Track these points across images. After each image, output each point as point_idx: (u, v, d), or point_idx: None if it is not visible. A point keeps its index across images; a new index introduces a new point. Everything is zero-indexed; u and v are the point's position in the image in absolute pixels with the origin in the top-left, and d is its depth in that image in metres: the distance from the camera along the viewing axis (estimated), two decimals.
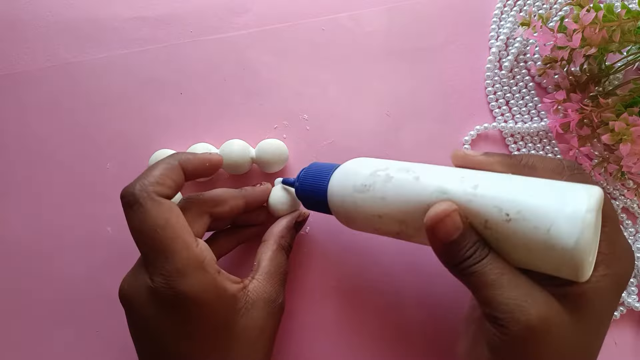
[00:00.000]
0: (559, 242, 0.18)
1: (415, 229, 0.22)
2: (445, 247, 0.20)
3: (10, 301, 0.33)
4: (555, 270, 0.19)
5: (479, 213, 0.20)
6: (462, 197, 0.20)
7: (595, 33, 0.27)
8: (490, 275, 0.19)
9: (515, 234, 0.19)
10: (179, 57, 0.35)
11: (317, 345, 0.31)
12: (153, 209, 0.22)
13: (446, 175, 0.22)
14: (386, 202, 0.22)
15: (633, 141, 0.27)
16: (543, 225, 0.18)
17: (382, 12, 0.34)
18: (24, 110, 0.35)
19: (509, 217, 0.19)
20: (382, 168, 0.23)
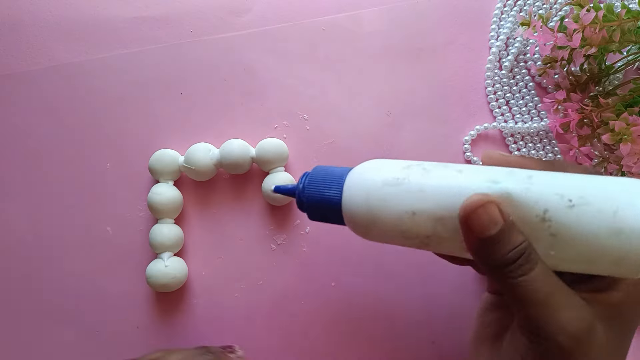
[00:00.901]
0: (627, 225, 0.16)
1: (452, 230, 0.19)
2: (480, 243, 0.18)
3: (11, 301, 0.33)
4: (615, 263, 0.17)
5: (538, 202, 0.18)
6: (517, 186, 0.18)
7: (595, 33, 0.27)
8: (541, 293, 0.18)
9: (578, 222, 0.17)
10: (179, 57, 0.35)
11: (315, 345, 0.31)
12: None
13: (492, 169, 0.20)
14: (424, 195, 0.20)
15: (633, 141, 0.27)
16: (609, 208, 0.17)
17: (382, 12, 0.34)
18: (24, 110, 0.35)
19: (572, 203, 0.17)
20: (415, 163, 0.21)
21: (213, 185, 0.33)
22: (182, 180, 0.33)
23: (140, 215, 0.33)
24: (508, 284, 0.18)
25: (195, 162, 0.31)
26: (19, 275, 0.33)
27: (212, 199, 0.33)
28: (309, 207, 0.23)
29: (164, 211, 0.31)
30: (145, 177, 0.33)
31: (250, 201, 0.32)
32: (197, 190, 0.33)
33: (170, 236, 0.31)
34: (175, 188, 0.32)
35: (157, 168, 0.32)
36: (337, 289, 0.31)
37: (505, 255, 0.18)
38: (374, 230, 0.21)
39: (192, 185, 0.33)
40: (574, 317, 0.18)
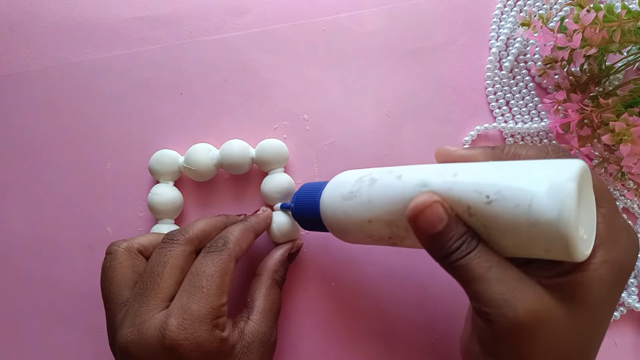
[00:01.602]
0: (541, 216, 0.17)
1: (405, 229, 0.22)
2: (430, 239, 0.20)
3: (10, 301, 0.33)
4: (546, 251, 0.18)
5: (461, 200, 0.19)
6: (442, 186, 0.20)
7: (595, 33, 0.27)
8: (478, 269, 0.19)
9: (498, 216, 0.18)
10: (179, 58, 0.35)
11: (315, 345, 0.31)
12: (226, 264, 0.24)
13: (427, 170, 0.21)
14: (373, 205, 0.22)
15: (633, 141, 0.27)
16: (523, 202, 0.17)
17: (382, 12, 0.34)
18: (24, 110, 0.35)
19: (489, 199, 0.18)
20: (367, 174, 0.24)
21: (213, 186, 0.33)
22: (182, 180, 0.33)
23: (140, 215, 0.33)
24: (452, 268, 0.20)
25: (195, 163, 0.31)
26: (19, 275, 0.33)
27: (212, 200, 0.33)
28: (299, 220, 0.28)
29: (164, 212, 0.31)
30: (145, 177, 0.33)
31: (250, 202, 0.32)
32: (197, 191, 0.33)
33: None
34: (175, 188, 0.32)
35: (157, 168, 0.32)
36: (337, 289, 0.31)
37: (450, 245, 0.19)
38: (347, 236, 0.25)
39: (192, 185, 0.33)
40: (516, 290, 0.18)
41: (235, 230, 0.26)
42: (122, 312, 0.24)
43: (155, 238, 0.28)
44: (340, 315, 0.31)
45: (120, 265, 0.25)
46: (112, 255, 0.26)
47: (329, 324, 0.31)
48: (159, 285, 0.24)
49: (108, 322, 0.25)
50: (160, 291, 0.24)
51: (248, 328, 0.25)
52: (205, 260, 0.24)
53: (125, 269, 0.25)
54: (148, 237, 0.28)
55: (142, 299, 0.24)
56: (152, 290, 0.24)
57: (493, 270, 0.19)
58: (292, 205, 0.28)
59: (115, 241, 0.27)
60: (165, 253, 0.25)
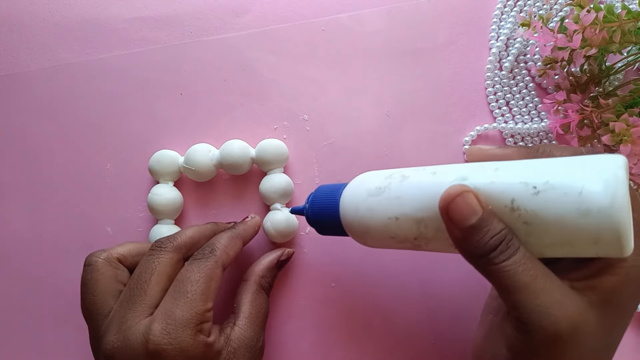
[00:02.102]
0: (593, 203, 0.16)
1: (434, 229, 0.20)
2: (463, 233, 0.19)
3: (11, 301, 0.33)
4: (594, 243, 0.17)
5: (504, 193, 0.18)
6: (483, 180, 0.19)
7: (595, 34, 0.27)
8: (523, 278, 0.18)
9: (545, 208, 0.17)
10: (179, 58, 0.35)
11: (315, 346, 0.31)
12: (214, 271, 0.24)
13: (464, 166, 0.20)
14: (402, 201, 0.21)
15: (633, 142, 0.27)
16: (573, 190, 0.17)
17: (382, 12, 0.34)
18: (24, 110, 0.35)
19: (537, 190, 0.17)
20: (396, 172, 0.22)
21: (213, 186, 0.33)
22: (182, 180, 0.33)
23: (140, 215, 0.33)
24: (491, 272, 0.18)
25: (195, 163, 0.31)
26: (19, 275, 0.33)
27: (212, 200, 0.33)
28: (315, 223, 0.26)
29: (164, 212, 0.31)
30: (145, 177, 0.33)
31: (250, 202, 0.32)
32: (197, 191, 0.33)
33: None
34: (175, 189, 0.32)
35: (157, 169, 0.32)
36: (337, 290, 0.31)
37: (487, 242, 0.18)
38: (369, 238, 0.23)
39: (192, 185, 0.33)
40: (560, 302, 0.18)
41: (223, 238, 0.26)
42: (107, 320, 0.24)
43: (135, 247, 0.28)
44: (340, 315, 0.31)
45: (102, 275, 0.25)
46: (92, 266, 0.26)
47: (329, 324, 0.31)
48: (145, 292, 0.24)
49: (91, 334, 0.25)
50: (147, 298, 0.23)
51: (234, 334, 0.25)
52: (192, 267, 0.24)
53: (107, 279, 0.25)
54: (127, 247, 0.27)
55: (128, 306, 0.23)
56: (138, 297, 0.23)
57: (539, 281, 0.18)
58: (306, 207, 0.26)
59: (93, 252, 0.26)
60: (153, 260, 0.25)
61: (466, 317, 0.30)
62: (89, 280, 0.25)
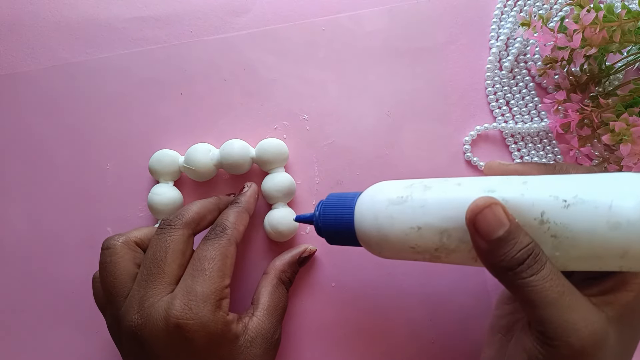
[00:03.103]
0: (623, 217, 0.17)
1: (457, 240, 0.20)
2: (489, 245, 0.19)
3: (11, 301, 0.33)
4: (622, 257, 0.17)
5: (534, 205, 0.18)
6: (513, 192, 0.19)
7: (595, 33, 0.27)
8: (551, 294, 0.18)
9: (576, 220, 0.18)
10: (179, 57, 0.35)
11: (316, 345, 0.31)
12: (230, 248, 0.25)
13: (489, 179, 0.20)
14: (426, 210, 0.21)
15: (633, 141, 0.27)
16: (604, 204, 0.17)
17: (382, 12, 0.34)
18: (24, 110, 0.35)
19: (567, 203, 0.18)
20: (417, 182, 0.22)
21: (213, 186, 0.33)
22: (182, 180, 0.33)
23: (140, 215, 0.33)
24: (518, 285, 0.18)
25: (195, 163, 0.31)
26: (19, 275, 0.33)
27: None
28: (326, 232, 0.25)
29: (164, 212, 0.31)
30: (145, 177, 0.33)
31: None
32: (197, 191, 0.33)
33: None
34: (175, 188, 0.32)
35: (157, 168, 0.32)
36: (337, 289, 0.31)
37: (514, 256, 0.18)
38: (386, 248, 0.22)
39: (192, 185, 0.33)
40: (586, 319, 0.18)
41: (231, 215, 0.27)
42: (127, 301, 0.24)
43: (150, 231, 0.28)
44: (340, 315, 0.31)
45: (122, 258, 0.25)
46: (111, 250, 0.26)
47: (329, 323, 0.31)
48: (163, 270, 0.24)
49: (112, 315, 0.25)
50: (166, 275, 0.24)
51: (252, 323, 0.26)
52: (206, 245, 0.25)
53: (126, 262, 0.25)
54: (143, 231, 0.28)
55: (147, 285, 0.24)
56: (157, 276, 0.24)
57: (567, 297, 0.18)
58: (316, 215, 0.25)
59: (111, 236, 0.27)
60: (165, 239, 0.25)
61: (466, 317, 0.30)
62: (108, 264, 0.25)
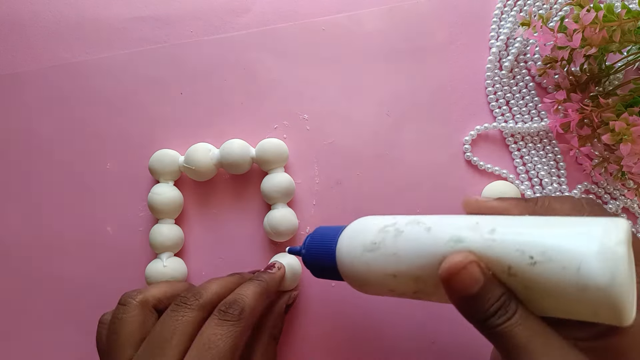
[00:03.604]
0: (591, 281, 0.16)
1: (433, 286, 0.20)
2: (465, 301, 0.19)
3: (10, 301, 0.33)
4: (594, 315, 0.17)
5: (500, 259, 0.18)
6: (479, 243, 0.19)
7: (595, 33, 0.27)
8: (521, 339, 0.17)
9: (543, 279, 0.17)
10: (179, 57, 0.35)
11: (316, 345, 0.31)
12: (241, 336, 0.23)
13: (459, 222, 0.20)
14: (399, 259, 0.20)
15: (633, 141, 0.27)
16: (572, 265, 0.16)
17: (382, 12, 0.34)
18: (25, 110, 0.35)
19: (534, 260, 0.17)
20: (390, 223, 0.22)
21: (213, 185, 0.33)
22: (182, 180, 0.33)
23: (140, 215, 0.33)
24: (491, 334, 0.18)
25: (195, 162, 0.31)
26: (19, 275, 0.33)
27: (212, 199, 0.33)
28: (311, 268, 0.26)
29: (164, 211, 0.31)
30: (145, 177, 0.33)
31: (250, 201, 0.32)
32: (197, 190, 0.33)
33: (170, 236, 0.31)
34: (175, 188, 0.32)
35: (157, 168, 0.32)
36: (337, 289, 0.31)
37: (488, 309, 0.18)
38: (368, 289, 0.23)
39: (192, 185, 0.33)
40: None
41: (250, 295, 0.25)
42: None
43: (170, 289, 0.27)
44: (340, 315, 0.31)
45: (132, 319, 0.24)
46: (125, 307, 0.25)
47: (328, 323, 0.31)
48: (164, 353, 0.23)
49: None
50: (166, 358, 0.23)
51: None
52: (220, 330, 0.23)
53: (135, 325, 0.24)
54: (162, 289, 0.27)
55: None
56: (157, 357, 0.23)
57: (537, 341, 0.18)
58: (303, 252, 0.26)
59: (130, 292, 0.25)
60: (177, 318, 0.24)
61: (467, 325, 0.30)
62: (118, 320, 0.24)
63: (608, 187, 0.31)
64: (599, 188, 0.31)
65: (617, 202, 0.31)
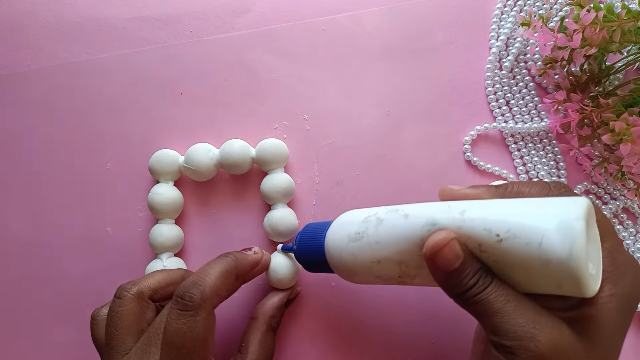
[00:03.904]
0: (552, 254, 0.17)
1: (415, 268, 0.22)
2: (447, 277, 0.20)
3: (10, 301, 0.33)
4: (558, 288, 0.18)
5: (471, 238, 0.19)
6: (451, 224, 0.20)
7: (595, 33, 0.27)
8: (496, 303, 0.19)
9: (509, 254, 0.18)
10: (179, 57, 0.35)
11: (316, 345, 0.31)
12: (205, 322, 0.22)
13: (433, 207, 0.21)
14: (381, 246, 0.22)
15: (633, 141, 0.27)
16: (534, 240, 0.18)
17: (382, 12, 0.34)
18: (24, 110, 0.35)
19: (500, 237, 0.19)
20: (372, 214, 0.23)
21: (213, 186, 0.33)
22: (182, 180, 0.33)
23: (140, 215, 0.33)
24: (470, 304, 0.20)
25: (196, 162, 0.31)
26: (19, 275, 0.33)
27: (212, 199, 0.33)
28: (303, 263, 0.27)
29: (164, 211, 0.31)
30: (145, 177, 0.33)
31: (251, 201, 0.32)
32: (197, 191, 0.33)
33: (170, 236, 0.31)
34: (175, 188, 0.32)
35: (157, 168, 0.32)
36: (336, 289, 0.31)
37: (467, 282, 0.19)
38: (356, 278, 0.24)
39: (192, 185, 0.33)
40: (534, 320, 0.18)
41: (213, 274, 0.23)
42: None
43: (165, 278, 0.27)
44: (340, 315, 0.31)
45: (128, 312, 0.24)
46: (121, 300, 0.25)
47: (329, 323, 0.31)
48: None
49: None
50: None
51: None
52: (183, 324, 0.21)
53: (131, 317, 0.24)
54: (157, 278, 0.26)
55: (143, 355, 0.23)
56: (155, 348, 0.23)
57: (511, 304, 0.19)
58: (294, 248, 0.27)
59: (125, 284, 0.25)
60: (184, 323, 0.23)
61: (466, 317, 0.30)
62: (115, 313, 0.24)
63: (608, 187, 0.31)
64: (599, 188, 0.31)
65: (617, 202, 0.31)
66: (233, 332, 0.31)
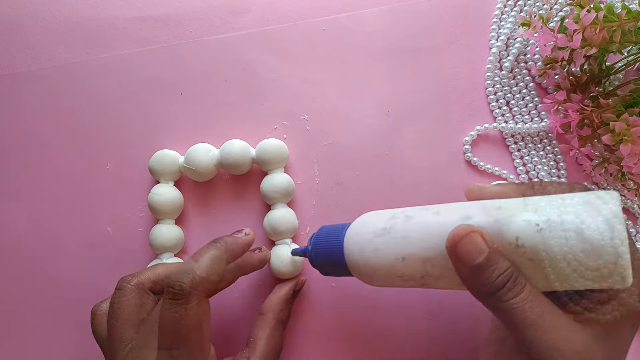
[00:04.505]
0: (594, 238, 0.17)
1: (441, 267, 0.21)
2: (471, 272, 0.19)
3: (10, 301, 0.33)
4: (597, 275, 0.18)
5: (509, 231, 0.19)
6: (487, 219, 0.20)
7: (595, 33, 0.27)
8: (532, 315, 0.18)
9: (550, 244, 0.18)
10: (179, 57, 0.35)
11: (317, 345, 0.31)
12: (197, 309, 0.22)
13: (466, 205, 0.21)
14: (408, 241, 0.21)
15: (633, 142, 0.27)
16: (575, 227, 0.18)
17: (382, 12, 0.34)
18: (25, 110, 0.35)
19: (540, 227, 0.18)
20: (399, 212, 0.23)
21: (213, 186, 0.33)
22: (183, 180, 0.33)
23: (140, 215, 0.33)
24: (500, 309, 0.19)
25: (196, 163, 0.31)
26: (19, 275, 0.33)
27: (212, 200, 0.33)
28: (319, 265, 0.26)
29: (164, 212, 0.31)
30: (145, 177, 0.33)
31: (251, 201, 0.32)
32: (197, 191, 0.33)
33: (170, 237, 0.31)
34: (175, 188, 0.32)
35: (157, 168, 0.32)
36: (337, 289, 0.31)
37: (494, 280, 0.19)
38: (376, 278, 0.23)
39: (192, 185, 0.33)
40: (568, 338, 0.18)
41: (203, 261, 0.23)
42: (125, 351, 0.24)
43: (164, 270, 0.27)
44: (340, 315, 0.31)
45: (129, 302, 0.24)
46: (121, 291, 0.25)
47: (329, 323, 0.31)
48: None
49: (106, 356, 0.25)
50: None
51: None
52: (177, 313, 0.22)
53: (132, 307, 0.24)
54: (157, 271, 0.26)
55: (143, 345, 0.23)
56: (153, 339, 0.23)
57: (547, 318, 0.18)
58: (309, 249, 0.26)
59: (125, 276, 0.25)
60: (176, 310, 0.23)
61: (466, 316, 0.30)
62: (116, 304, 0.25)
63: (608, 187, 0.31)
64: (599, 188, 0.31)
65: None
66: (240, 328, 0.31)
